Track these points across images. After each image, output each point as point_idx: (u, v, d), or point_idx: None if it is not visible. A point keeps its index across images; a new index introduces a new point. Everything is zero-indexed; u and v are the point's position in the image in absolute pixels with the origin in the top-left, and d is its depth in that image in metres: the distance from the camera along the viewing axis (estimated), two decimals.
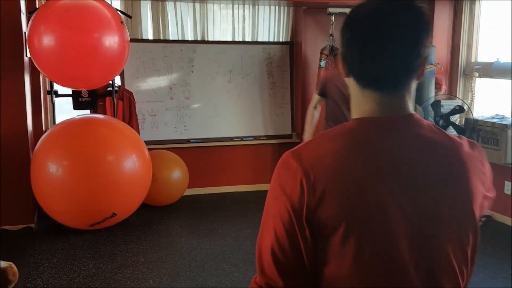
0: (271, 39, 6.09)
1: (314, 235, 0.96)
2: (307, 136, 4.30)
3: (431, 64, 5.58)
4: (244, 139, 5.97)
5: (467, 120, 5.23)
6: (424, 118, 5.74)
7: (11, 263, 2.99)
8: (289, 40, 6.13)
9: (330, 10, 5.44)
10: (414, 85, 1.03)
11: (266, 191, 1.06)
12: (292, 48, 6.09)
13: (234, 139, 5.93)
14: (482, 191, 1.03)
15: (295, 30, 6.09)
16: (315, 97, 4.19)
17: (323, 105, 4.26)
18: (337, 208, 0.94)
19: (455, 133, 5.28)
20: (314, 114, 4.24)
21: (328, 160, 0.97)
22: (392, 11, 0.97)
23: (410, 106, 1.02)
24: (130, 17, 5.06)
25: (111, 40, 4.29)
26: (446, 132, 1.04)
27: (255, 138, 5.99)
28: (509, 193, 4.87)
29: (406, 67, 0.98)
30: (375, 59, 0.98)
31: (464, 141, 1.05)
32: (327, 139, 1.02)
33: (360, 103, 1.03)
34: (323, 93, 4.11)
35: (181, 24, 5.78)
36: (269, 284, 0.99)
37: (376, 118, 1.00)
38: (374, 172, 0.96)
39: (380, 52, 0.97)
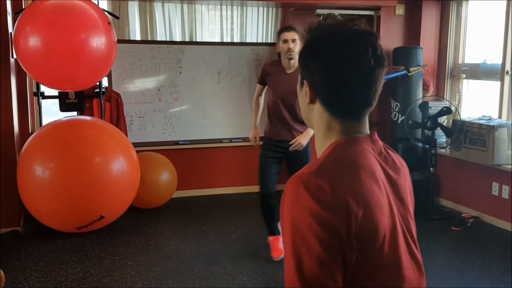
0: (260, 40, 6.08)
1: None
2: (254, 123, 4.40)
3: (419, 65, 5.61)
4: (233, 140, 5.95)
5: (454, 121, 5.26)
6: (412, 120, 5.69)
7: None
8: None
9: (319, 11, 5.45)
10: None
11: (255, 193, 1.07)
12: None
13: (223, 141, 5.92)
14: None
15: None
16: (257, 87, 4.33)
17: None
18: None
19: (443, 134, 5.31)
20: (258, 102, 4.37)
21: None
22: (349, 45, 1.08)
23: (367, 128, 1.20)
24: (117, 17, 5.02)
25: (98, 41, 4.25)
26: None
27: (244, 139, 5.98)
28: (496, 194, 4.90)
29: (368, 101, 1.13)
30: (344, 94, 1.11)
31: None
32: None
33: (327, 128, 1.16)
34: (263, 82, 4.20)
35: (169, 25, 5.76)
36: None
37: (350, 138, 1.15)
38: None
39: (346, 89, 1.10)
